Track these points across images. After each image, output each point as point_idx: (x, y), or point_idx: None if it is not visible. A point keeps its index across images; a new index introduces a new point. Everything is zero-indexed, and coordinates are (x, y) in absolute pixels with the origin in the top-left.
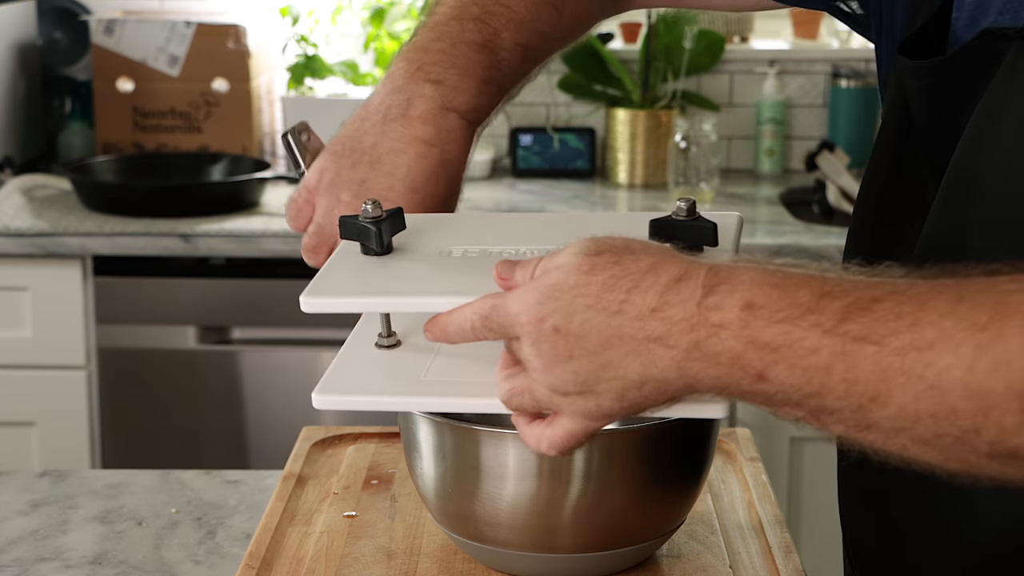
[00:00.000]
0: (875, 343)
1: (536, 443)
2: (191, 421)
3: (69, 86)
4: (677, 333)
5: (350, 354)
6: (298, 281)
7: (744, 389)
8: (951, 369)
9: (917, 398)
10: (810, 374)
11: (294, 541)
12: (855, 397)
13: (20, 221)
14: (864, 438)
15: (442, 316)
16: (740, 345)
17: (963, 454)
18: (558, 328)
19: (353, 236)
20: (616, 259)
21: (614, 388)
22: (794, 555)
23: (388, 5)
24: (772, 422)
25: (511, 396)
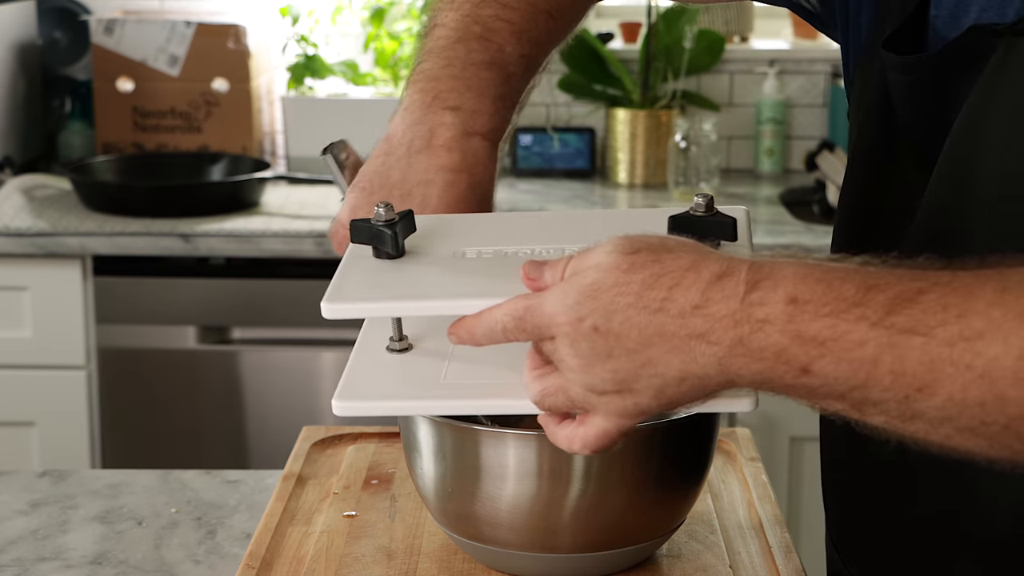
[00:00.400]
0: (923, 334)
1: (569, 443)
2: (191, 421)
3: (69, 86)
4: (720, 329)
5: (362, 360)
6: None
7: (787, 383)
8: (1001, 358)
9: (965, 387)
10: (856, 367)
11: (294, 541)
12: (902, 388)
13: (20, 221)
14: (906, 428)
15: (469, 318)
16: (786, 339)
17: (1009, 442)
18: (597, 328)
19: (366, 240)
20: (655, 257)
21: (653, 386)
22: (794, 555)
23: (388, 5)
24: (772, 422)
25: (544, 396)
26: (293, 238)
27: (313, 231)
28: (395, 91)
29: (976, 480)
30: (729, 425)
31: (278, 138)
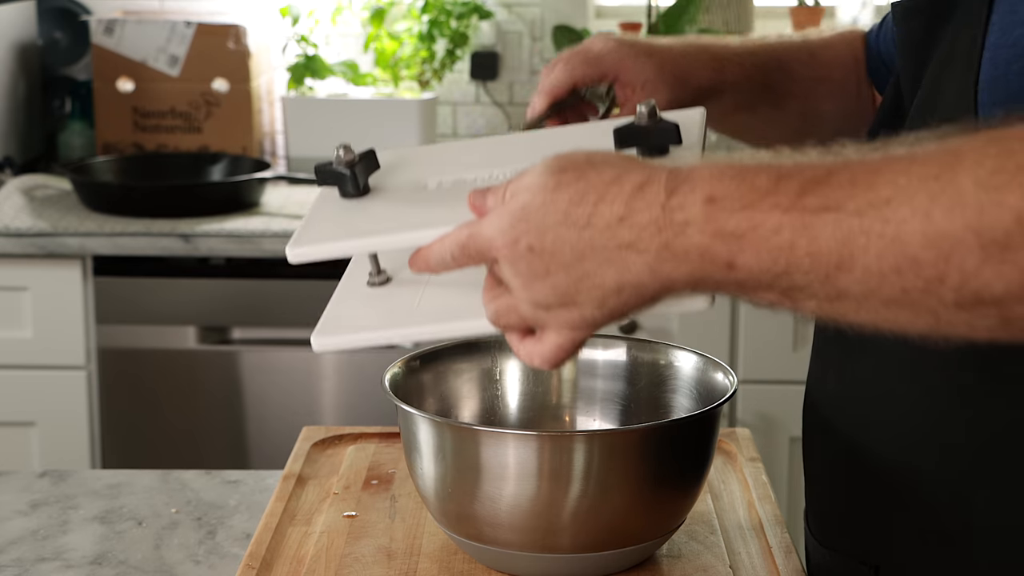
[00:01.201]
0: (834, 210)
1: (528, 359)
2: (191, 421)
3: (69, 86)
4: (647, 238)
5: (343, 296)
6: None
7: (717, 280)
8: (909, 220)
9: (880, 256)
10: (775, 255)
11: (294, 541)
12: (821, 268)
13: (20, 221)
14: (837, 311)
15: (423, 249)
16: (707, 239)
17: (932, 307)
18: (532, 247)
19: (330, 182)
20: (580, 174)
21: (594, 298)
22: (794, 555)
23: (388, 5)
24: (772, 422)
25: (498, 316)
26: None
27: None
28: (395, 91)
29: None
30: (729, 425)
31: (278, 138)
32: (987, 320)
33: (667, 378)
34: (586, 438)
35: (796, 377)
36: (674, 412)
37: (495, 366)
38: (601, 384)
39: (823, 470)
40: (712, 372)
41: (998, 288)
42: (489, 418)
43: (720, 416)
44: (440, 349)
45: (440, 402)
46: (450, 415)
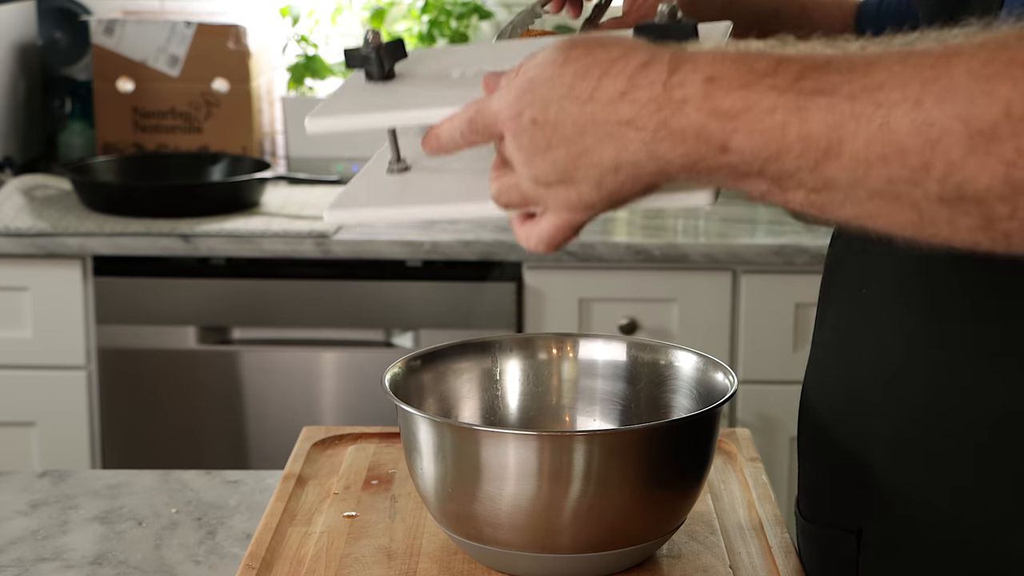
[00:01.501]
0: (828, 94)
1: (526, 240)
2: (191, 421)
3: (69, 86)
4: (646, 115)
5: (361, 180)
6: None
7: (710, 164)
8: (899, 105)
9: (868, 143)
10: (767, 136)
11: (294, 541)
12: (811, 153)
13: (20, 221)
14: (823, 202)
15: (435, 127)
16: (703, 117)
17: (916, 200)
18: (535, 120)
19: (357, 64)
20: (588, 51)
21: (592, 176)
22: (794, 555)
23: (388, 5)
24: (772, 422)
25: (500, 193)
26: (293, 238)
27: (313, 231)
28: None
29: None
30: (729, 425)
31: (278, 138)
32: (969, 219)
33: (667, 378)
34: (586, 438)
35: (796, 377)
36: (674, 412)
37: (495, 366)
38: (601, 384)
39: (809, 443)
40: (712, 372)
41: (981, 182)
42: (489, 418)
43: (720, 416)
44: (440, 349)
45: (440, 402)
46: (450, 415)
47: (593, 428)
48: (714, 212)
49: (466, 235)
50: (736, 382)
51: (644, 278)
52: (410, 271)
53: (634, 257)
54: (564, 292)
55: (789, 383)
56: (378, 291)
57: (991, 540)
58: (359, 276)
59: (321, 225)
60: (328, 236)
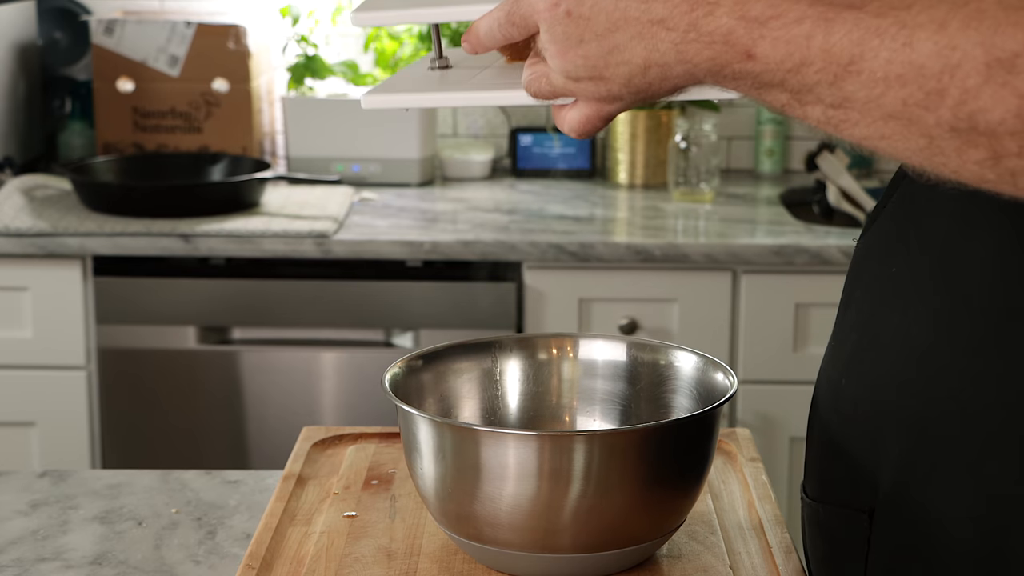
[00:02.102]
0: (856, 8)
1: (560, 124)
2: (191, 421)
3: (69, 86)
4: (678, 15)
5: (402, 73)
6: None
7: (735, 70)
8: (924, 26)
9: (888, 61)
10: (792, 47)
11: (294, 541)
12: (832, 67)
13: (20, 221)
14: (840, 120)
15: (474, 23)
16: (732, 21)
17: (928, 126)
18: (570, 12)
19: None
20: None
21: (621, 74)
22: (794, 555)
23: None
24: (772, 422)
25: (531, 82)
26: (293, 238)
27: (313, 231)
28: None
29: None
30: (729, 425)
31: (278, 138)
32: (978, 151)
33: (667, 378)
34: (586, 438)
35: (796, 377)
36: (674, 412)
37: (495, 366)
38: (601, 384)
39: (823, 424)
40: (712, 372)
41: (994, 114)
42: (489, 418)
43: (720, 416)
44: (440, 349)
45: (440, 402)
46: (450, 415)
47: (593, 428)
48: (714, 212)
49: (466, 235)
50: (736, 382)
51: (644, 278)
52: (410, 271)
53: (634, 257)
54: (564, 292)
55: (789, 383)
56: (378, 291)
57: (1002, 528)
58: (359, 276)
59: (321, 225)
60: (328, 236)
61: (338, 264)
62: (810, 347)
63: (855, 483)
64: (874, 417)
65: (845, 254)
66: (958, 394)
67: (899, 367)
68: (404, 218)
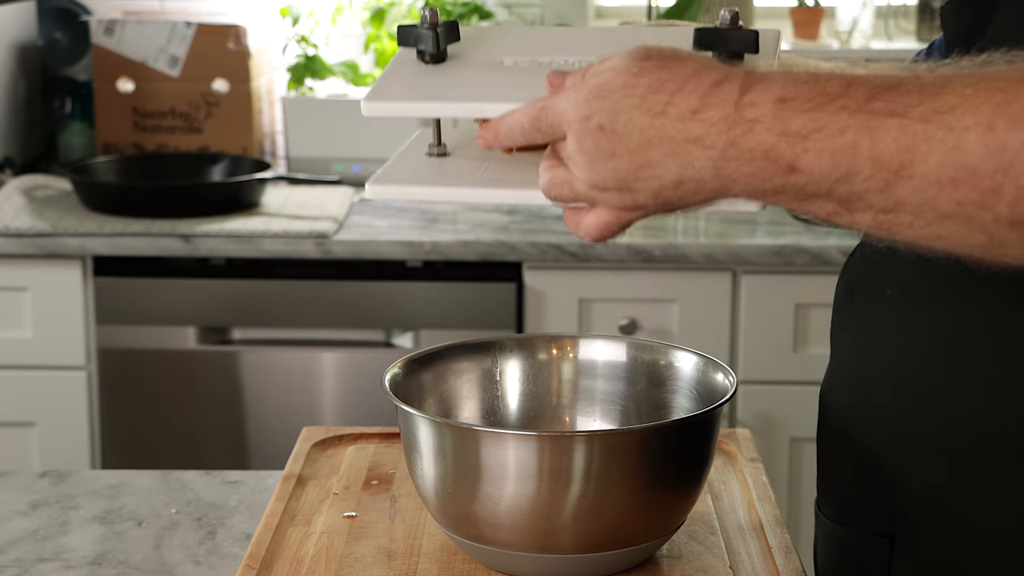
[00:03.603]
0: (899, 115)
1: (575, 228)
2: (191, 421)
3: (69, 86)
4: (715, 133)
5: (403, 159)
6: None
7: (776, 184)
8: (971, 129)
9: (940, 164)
10: (838, 157)
11: (294, 541)
12: (881, 174)
13: (20, 221)
14: (892, 224)
15: (495, 121)
16: (773, 137)
17: (986, 223)
18: (603, 126)
19: (410, 42)
20: (664, 64)
21: (651, 187)
22: (794, 555)
23: (388, 6)
24: (772, 422)
25: (551, 186)
26: (293, 239)
27: (313, 231)
28: None
29: None
30: (729, 426)
31: (278, 139)
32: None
33: (667, 378)
34: (586, 438)
35: (796, 377)
36: (674, 412)
37: (495, 367)
38: (601, 384)
39: (831, 445)
40: (712, 372)
41: None
42: (489, 418)
43: (720, 416)
44: (440, 350)
45: (440, 402)
46: (450, 415)
47: (593, 428)
48: (714, 212)
49: (466, 235)
50: (736, 382)
51: (644, 278)
52: (410, 271)
53: (634, 257)
54: (564, 292)
55: (789, 383)
56: (378, 291)
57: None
58: (359, 276)
59: (321, 225)
60: (328, 236)
61: (338, 264)
62: (810, 347)
63: (876, 508)
64: (879, 438)
65: (845, 254)
66: (958, 409)
67: (898, 386)
68: (404, 218)
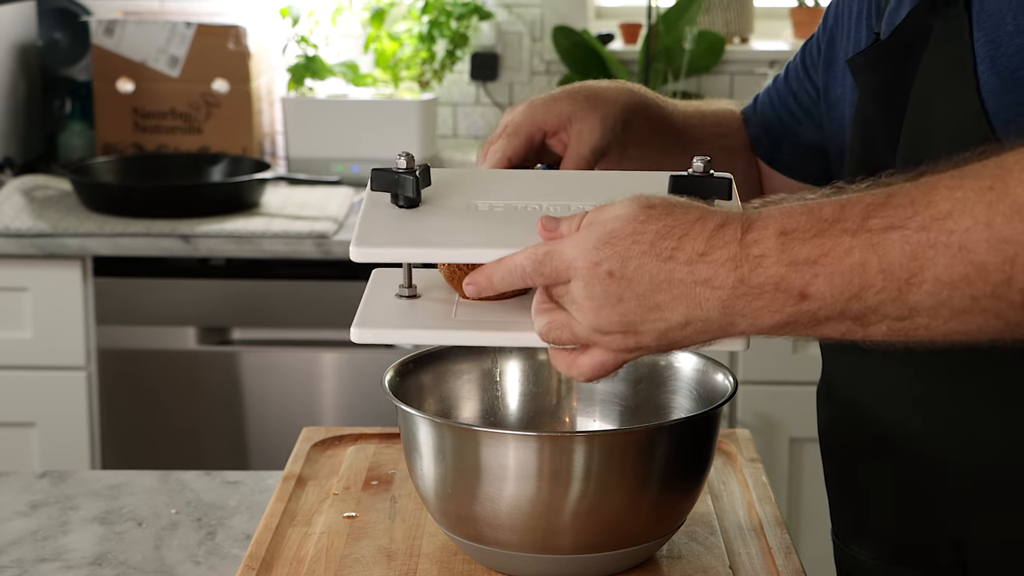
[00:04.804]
0: (899, 228)
1: (567, 369)
2: (191, 421)
3: (69, 87)
4: (723, 274)
5: (375, 300)
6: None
7: (788, 313)
8: (972, 229)
9: (948, 266)
10: (848, 277)
11: (294, 542)
12: (893, 284)
13: (20, 222)
14: (908, 330)
15: (488, 266)
16: (782, 268)
17: (1001, 311)
18: (612, 272)
19: (385, 187)
20: (668, 210)
21: (657, 329)
22: (794, 556)
23: (388, 6)
24: (772, 423)
25: (550, 329)
26: (293, 239)
27: (313, 232)
28: (395, 92)
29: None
30: (729, 426)
31: (278, 139)
32: None
33: (667, 379)
34: (586, 439)
35: (796, 378)
36: (674, 413)
37: (495, 367)
38: (601, 385)
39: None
40: (712, 373)
41: None
42: (489, 419)
43: (720, 417)
44: (440, 350)
45: (440, 403)
46: (450, 416)
47: (593, 429)
48: None
49: None
50: (736, 383)
51: None
52: None
53: None
54: None
55: (789, 383)
56: None
57: None
58: (359, 276)
59: (321, 226)
60: (328, 237)
61: (338, 264)
62: (810, 348)
63: (910, 545)
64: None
65: None
66: (1006, 452)
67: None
68: None
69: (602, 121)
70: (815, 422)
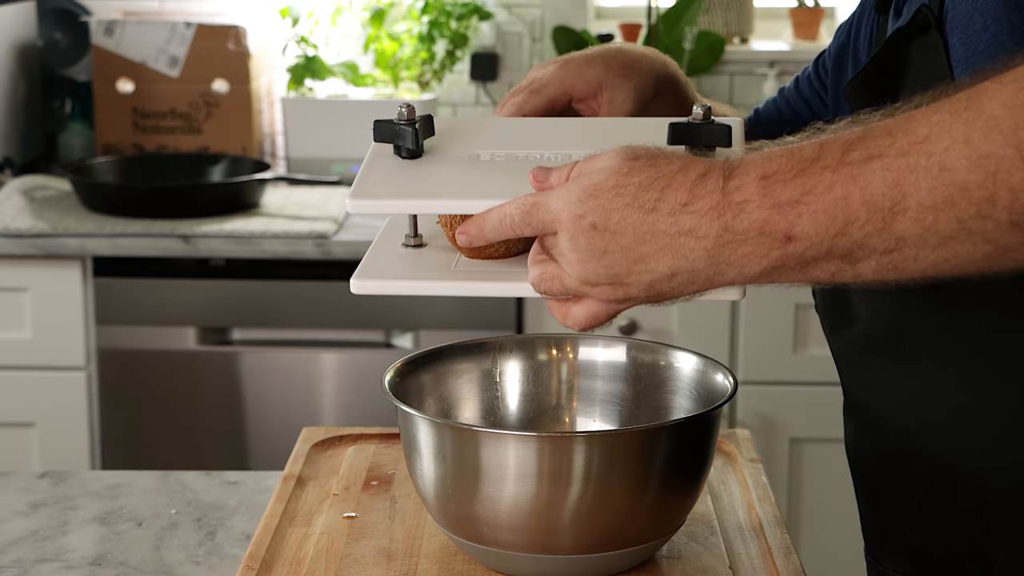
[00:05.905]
0: (878, 157)
1: (562, 319)
2: (191, 422)
3: (69, 87)
4: (706, 223)
5: (380, 250)
6: (298, 282)
7: (774, 258)
8: (951, 149)
9: (931, 189)
10: (832, 213)
11: (294, 542)
12: (877, 215)
13: (20, 222)
14: (896, 263)
15: (479, 215)
16: (765, 212)
17: (988, 232)
18: (596, 225)
19: (387, 138)
20: (652, 162)
21: (644, 281)
22: (794, 556)
23: (388, 6)
24: (772, 423)
25: (541, 280)
26: (293, 239)
27: (313, 232)
28: (395, 92)
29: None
30: (729, 426)
31: (278, 139)
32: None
33: (667, 379)
34: (586, 439)
35: (796, 378)
36: (674, 413)
37: (495, 367)
38: (601, 385)
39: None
40: (712, 373)
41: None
42: (489, 419)
43: (720, 417)
44: (440, 350)
45: (440, 403)
46: (450, 416)
47: (593, 429)
48: None
49: None
50: (736, 383)
51: None
52: None
53: None
54: None
55: (789, 384)
56: None
57: None
58: None
59: (321, 226)
60: (328, 237)
61: (338, 265)
62: (810, 348)
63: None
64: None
65: None
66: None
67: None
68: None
69: (635, 91)
70: (815, 422)
